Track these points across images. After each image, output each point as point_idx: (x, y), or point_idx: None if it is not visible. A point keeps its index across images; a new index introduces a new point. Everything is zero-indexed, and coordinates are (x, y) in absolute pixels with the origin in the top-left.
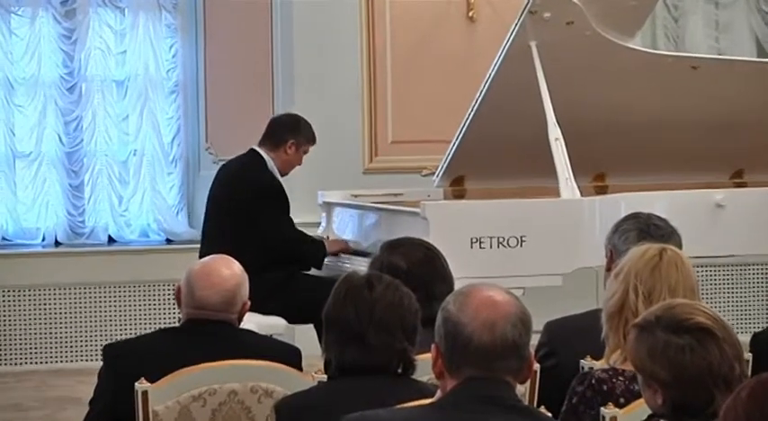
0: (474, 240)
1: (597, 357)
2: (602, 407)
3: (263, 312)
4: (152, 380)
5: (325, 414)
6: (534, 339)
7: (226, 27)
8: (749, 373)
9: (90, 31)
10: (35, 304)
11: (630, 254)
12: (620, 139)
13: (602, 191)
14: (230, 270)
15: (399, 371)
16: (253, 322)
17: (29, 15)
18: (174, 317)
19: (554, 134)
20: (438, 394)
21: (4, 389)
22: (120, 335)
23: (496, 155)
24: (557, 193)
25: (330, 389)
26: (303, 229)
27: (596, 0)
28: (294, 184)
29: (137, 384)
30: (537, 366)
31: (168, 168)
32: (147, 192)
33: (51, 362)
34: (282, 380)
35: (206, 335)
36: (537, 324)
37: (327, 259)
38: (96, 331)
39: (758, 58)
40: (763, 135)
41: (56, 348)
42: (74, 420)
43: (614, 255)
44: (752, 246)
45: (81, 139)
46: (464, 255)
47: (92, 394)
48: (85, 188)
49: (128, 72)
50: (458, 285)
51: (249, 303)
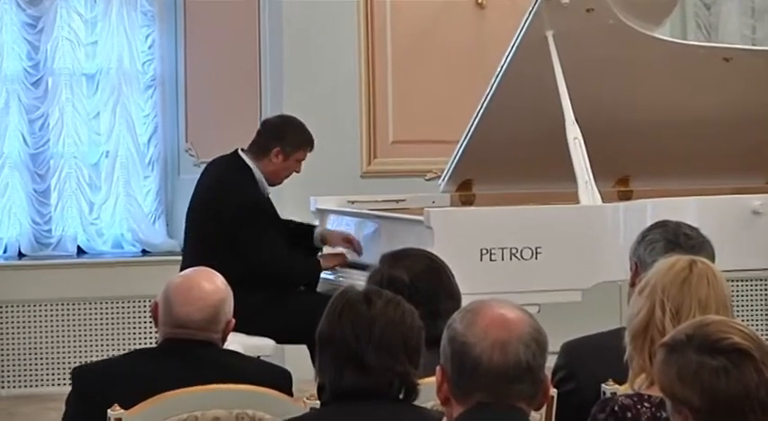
0: (484, 251)
1: (620, 381)
2: None
3: (249, 331)
4: (126, 407)
5: None
6: (550, 361)
7: (208, 15)
8: None
9: (57, 19)
10: None
11: (657, 266)
12: (645, 139)
13: (626, 196)
14: (213, 284)
15: (401, 396)
16: (238, 342)
17: None
18: (151, 337)
19: (572, 133)
20: None
21: None
22: (91, 356)
23: (508, 156)
24: (575, 199)
25: (324, 417)
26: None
27: None
28: (283, 190)
29: (109, 411)
30: (553, 391)
31: (144, 171)
32: (121, 198)
33: (15, 388)
34: (271, 407)
35: (186, 356)
36: (553, 344)
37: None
38: (64, 352)
39: None
40: None
41: (20, 372)
42: None
43: (639, 267)
44: None
45: (47, 140)
46: (473, 267)
47: None
48: (52, 194)
49: (99, 65)
50: (466, 301)
51: (234, 321)
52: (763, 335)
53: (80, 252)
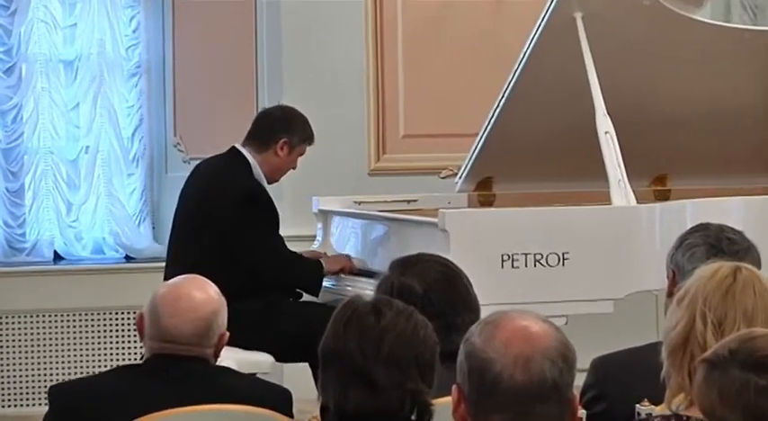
0: (505, 257)
1: (656, 401)
2: None
3: (244, 346)
4: None
5: None
6: (579, 379)
7: None
8: None
9: (32, 0)
10: None
11: (698, 274)
12: (685, 133)
13: (663, 196)
14: (204, 293)
15: (413, 417)
16: (232, 359)
17: None
18: (136, 353)
19: (604, 127)
20: None
21: None
22: (69, 373)
23: (532, 152)
24: (607, 199)
25: None
26: (293, 245)
27: None
28: (282, 189)
29: None
30: (582, 412)
31: (128, 168)
32: (102, 198)
33: None
34: None
35: (174, 374)
36: (582, 360)
37: (328, 281)
38: (39, 370)
39: None
40: None
41: None
42: None
43: (678, 275)
44: None
45: (21, 133)
46: (493, 275)
47: None
48: (26, 193)
49: (78, 50)
50: (485, 313)
51: (228, 335)
52: None
53: (57, 258)
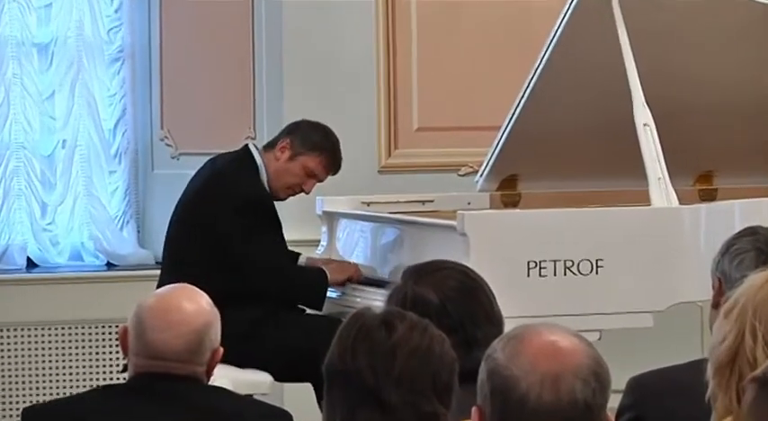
0: (532, 265)
1: None
2: None
3: (240, 364)
4: None
5: None
6: (614, 401)
7: None
8: None
9: None
10: None
11: (747, 283)
12: (733, 126)
13: (708, 196)
14: (196, 304)
15: None
16: (227, 377)
17: None
18: (118, 370)
19: (642, 118)
20: None
21: None
22: (45, 394)
23: (562, 147)
24: (646, 200)
25: None
26: (295, 248)
27: None
28: None
29: None
30: None
31: (110, 165)
32: (81, 199)
33: None
34: None
35: (162, 394)
36: (618, 380)
37: (332, 292)
38: (12, 389)
39: None
40: None
41: None
42: None
43: (724, 284)
44: None
45: None
46: (518, 285)
47: None
48: None
49: (54, 33)
50: (508, 326)
51: (221, 351)
52: None
53: (30, 265)
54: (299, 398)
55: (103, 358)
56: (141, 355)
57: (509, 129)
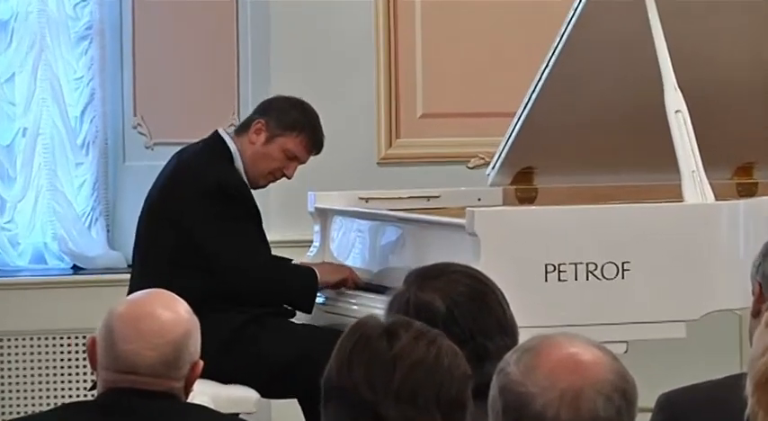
0: (550, 268)
1: None
2: None
3: (221, 378)
4: None
5: None
6: (643, 419)
7: None
8: None
9: None
10: None
11: None
12: None
13: (748, 191)
14: (173, 312)
15: None
16: (207, 394)
17: None
18: (86, 386)
19: (674, 104)
20: None
21: None
22: (7, 412)
23: (582, 136)
24: (678, 195)
25: None
26: (282, 254)
27: None
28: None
29: None
30: None
31: (76, 156)
32: (44, 194)
33: None
34: None
35: (134, 413)
36: (646, 397)
37: (322, 296)
38: None
39: None
40: None
41: None
42: None
43: (765, 291)
44: None
45: None
46: (534, 290)
47: None
48: None
49: (14, 8)
50: (523, 337)
51: (201, 364)
52: None
53: None
54: (288, 417)
55: (69, 373)
56: (111, 369)
57: (524, 116)
